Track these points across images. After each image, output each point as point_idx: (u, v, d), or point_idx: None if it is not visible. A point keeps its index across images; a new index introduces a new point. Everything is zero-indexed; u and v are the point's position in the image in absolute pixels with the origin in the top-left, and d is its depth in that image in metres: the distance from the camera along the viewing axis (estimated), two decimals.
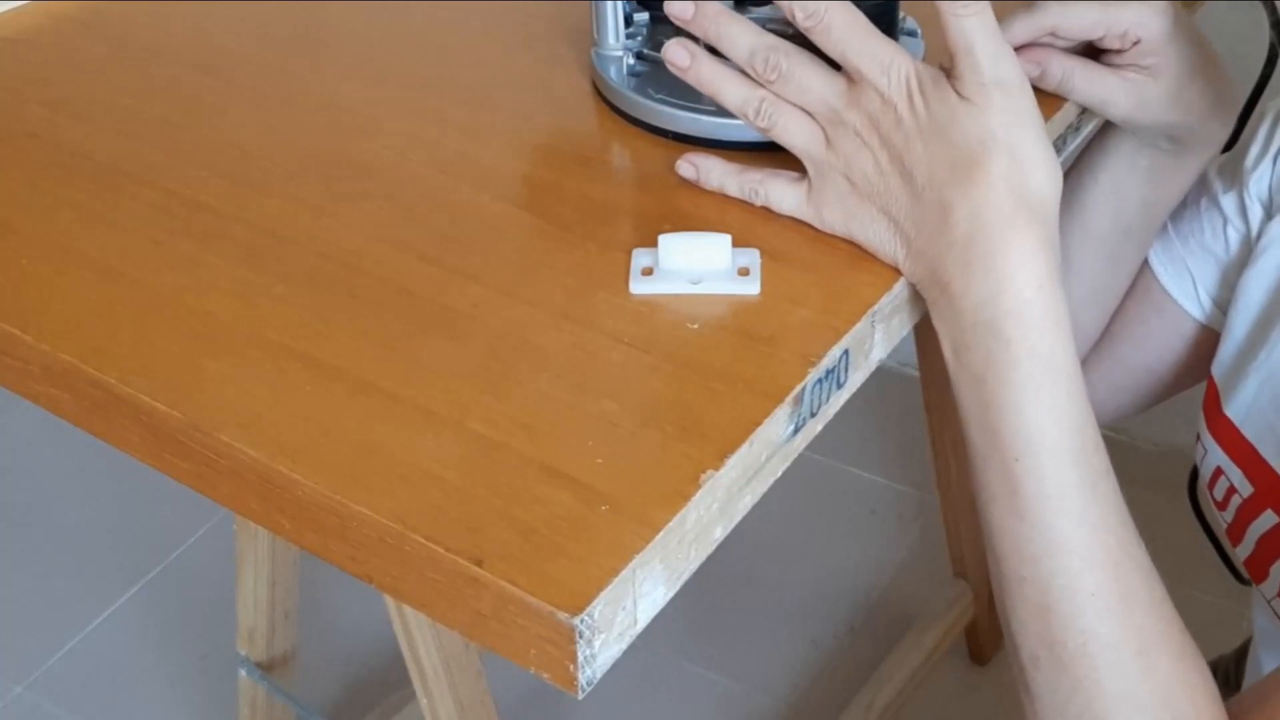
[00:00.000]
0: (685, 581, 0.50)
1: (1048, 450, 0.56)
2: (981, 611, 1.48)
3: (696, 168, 0.64)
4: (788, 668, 1.54)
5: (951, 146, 0.56)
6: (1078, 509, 0.56)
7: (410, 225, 0.64)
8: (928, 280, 0.58)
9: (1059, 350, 0.56)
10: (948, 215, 0.56)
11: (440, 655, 0.83)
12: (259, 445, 0.51)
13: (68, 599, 1.66)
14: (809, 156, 0.60)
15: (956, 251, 0.56)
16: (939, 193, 0.56)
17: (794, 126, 0.60)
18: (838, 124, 0.59)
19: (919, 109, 0.56)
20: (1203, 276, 0.78)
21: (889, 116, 0.57)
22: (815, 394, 0.55)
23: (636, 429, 0.51)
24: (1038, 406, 0.55)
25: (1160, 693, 0.57)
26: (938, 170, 0.56)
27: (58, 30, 0.82)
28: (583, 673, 0.46)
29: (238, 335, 0.57)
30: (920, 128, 0.56)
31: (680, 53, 0.61)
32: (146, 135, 0.72)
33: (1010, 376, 0.55)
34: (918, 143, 0.56)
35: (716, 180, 0.64)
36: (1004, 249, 0.55)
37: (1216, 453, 0.73)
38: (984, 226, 0.55)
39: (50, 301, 0.60)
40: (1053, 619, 0.57)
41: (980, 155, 0.55)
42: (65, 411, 0.59)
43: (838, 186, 0.59)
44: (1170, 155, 0.73)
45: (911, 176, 0.57)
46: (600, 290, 0.59)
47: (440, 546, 0.47)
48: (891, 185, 0.57)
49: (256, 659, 1.15)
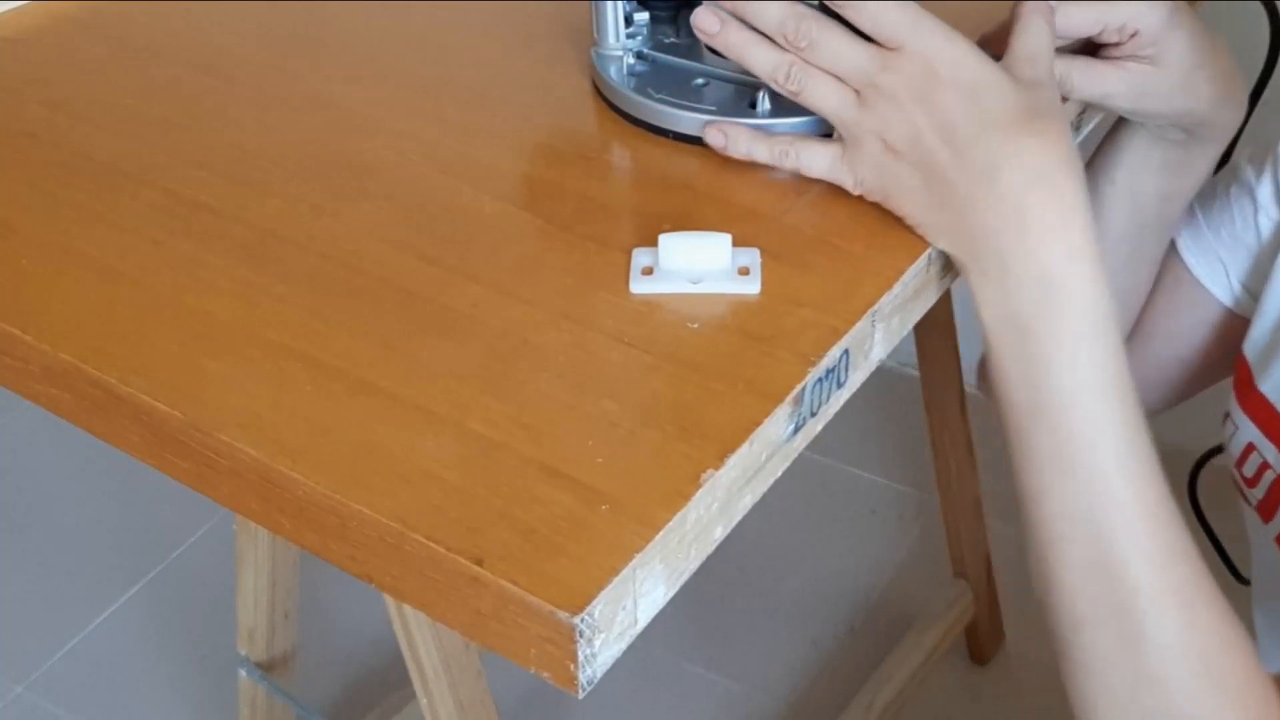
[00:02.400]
0: (685, 581, 0.50)
1: (1097, 400, 0.57)
2: (981, 611, 1.48)
3: (725, 135, 0.65)
4: (788, 668, 1.54)
5: (998, 104, 0.58)
6: (1124, 461, 0.57)
7: (410, 225, 0.64)
8: (967, 236, 0.59)
9: (1104, 301, 0.57)
10: (996, 170, 0.57)
11: (440, 655, 0.83)
12: (259, 445, 0.51)
13: (68, 599, 1.66)
14: (841, 119, 0.61)
15: (1007, 206, 0.57)
16: (985, 148, 0.57)
17: (825, 89, 0.60)
18: (871, 87, 0.59)
19: (960, 71, 0.58)
20: (1234, 265, 0.78)
21: (930, 79, 0.58)
22: (815, 394, 0.55)
23: (636, 429, 0.51)
24: (1089, 356, 0.57)
25: (1201, 644, 0.58)
26: (984, 127, 0.57)
27: (58, 30, 0.82)
28: (583, 672, 0.46)
29: (238, 335, 0.57)
30: (963, 88, 0.58)
31: (710, 19, 0.62)
32: (146, 135, 0.72)
33: (1060, 327, 0.57)
34: (962, 101, 0.58)
35: (745, 146, 0.64)
36: (1055, 203, 0.57)
37: (1249, 429, 0.73)
38: (1033, 179, 0.57)
39: (50, 301, 0.60)
40: (1099, 575, 0.58)
41: (1032, 115, 0.58)
42: (65, 411, 0.59)
43: (872, 148, 0.60)
44: (1182, 147, 0.73)
45: (954, 133, 0.58)
46: (600, 290, 0.59)
47: (440, 546, 0.47)
48: (930, 142, 0.58)
49: (256, 659, 1.15)
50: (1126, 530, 0.57)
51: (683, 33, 0.73)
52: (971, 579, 1.46)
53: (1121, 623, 0.58)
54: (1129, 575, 0.57)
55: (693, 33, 0.73)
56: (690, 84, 0.70)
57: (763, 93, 0.67)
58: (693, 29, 0.62)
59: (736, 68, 0.70)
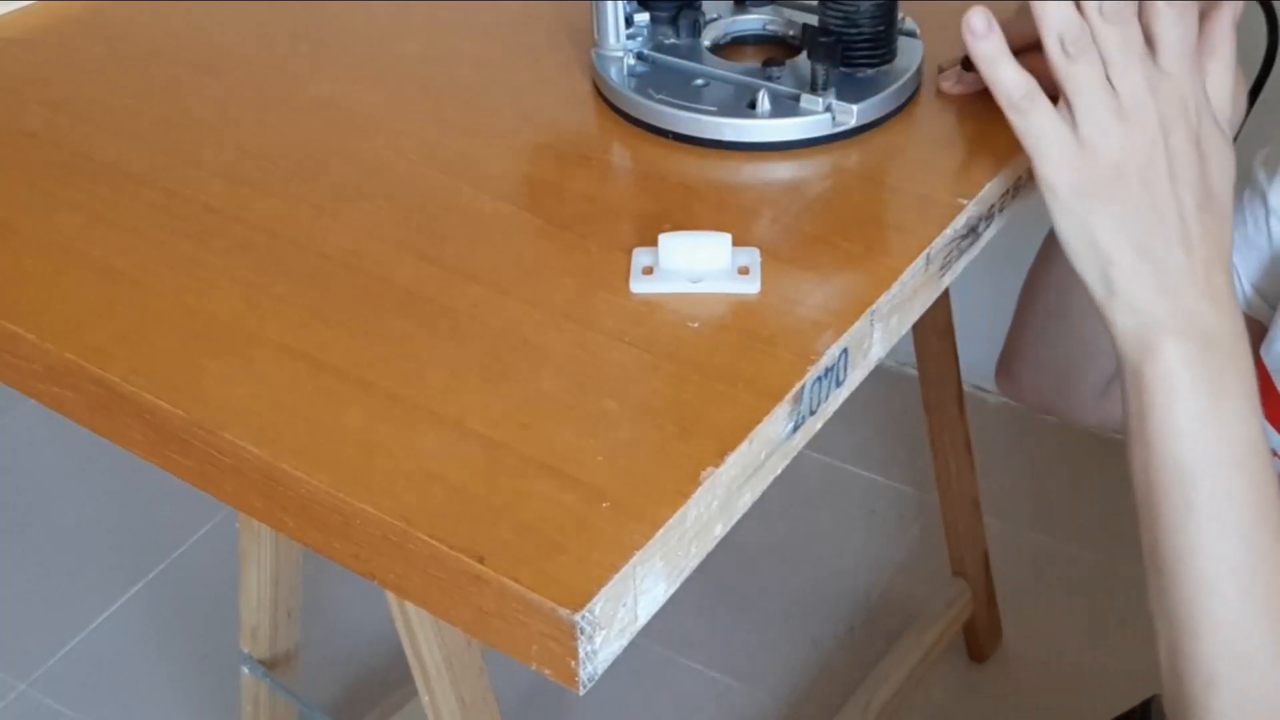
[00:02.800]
0: (685, 579, 0.50)
1: (1261, 459, 0.60)
2: (980, 610, 1.48)
3: (992, 29, 0.58)
4: (788, 667, 1.54)
5: (1217, 175, 0.59)
6: (1275, 518, 0.60)
7: (410, 225, 0.64)
8: (1155, 280, 0.59)
9: (1254, 375, 0.60)
10: (1206, 238, 0.58)
11: (442, 652, 0.83)
12: (263, 444, 0.52)
13: (70, 597, 1.66)
14: (1097, 103, 0.58)
15: (1205, 273, 0.59)
16: (1200, 215, 0.58)
17: (1094, 74, 0.58)
18: (1140, 103, 0.58)
19: (1207, 124, 0.59)
20: (1245, 268, 0.78)
21: (1193, 117, 0.58)
22: (814, 392, 0.55)
23: (637, 427, 0.51)
24: (1252, 417, 0.59)
25: None
26: (1204, 196, 0.58)
27: (58, 30, 0.82)
28: (584, 669, 0.46)
29: (239, 335, 0.57)
30: (1202, 151, 0.59)
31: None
32: (146, 135, 0.72)
33: (1234, 389, 0.59)
34: (1197, 164, 0.58)
35: (996, 51, 0.59)
36: (1231, 278, 0.60)
37: (1273, 437, 0.73)
38: (1224, 256, 0.59)
39: (52, 301, 0.60)
40: (1249, 629, 0.59)
41: (1231, 193, 0.60)
42: (68, 410, 0.59)
43: (1106, 156, 0.58)
44: None
45: (1191, 179, 0.58)
46: (600, 290, 0.59)
47: (443, 544, 0.47)
48: (1162, 189, 0.58)
49: (259, 657, 1.15)
50: (1252, 579, 0.59)
51: (683, 33, 0.73)
52: (970, 578, 1.46)
53: (1266, 676, 0.59)
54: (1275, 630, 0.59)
55: (693, 33, 0.73)
56: (690, 84, 0.70)
57: (762, 93, 0.67)
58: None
59: (736, 68, 0.70)
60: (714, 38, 0.74)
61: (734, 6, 0.76)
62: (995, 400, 1.82)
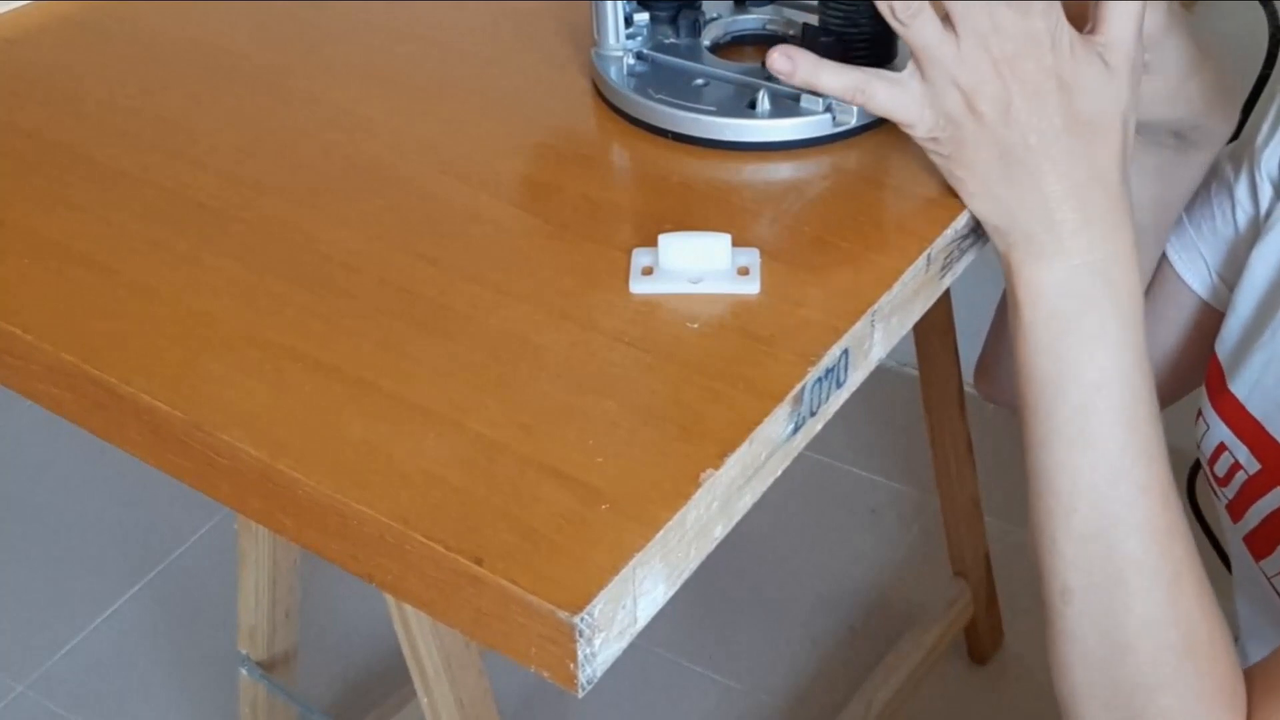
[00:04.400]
0: (685, 580, 0.50)
1: (1128, 383, 0.60)
2: (980, 611, 1.48)
3: (794, 62, 0.61)
4: (788, 668, 1.54)
5: (1091, 104, 0.59)
6: (1141, 441, 0.61)
7: (410, 225, 0.64)
8: (1030, 216, 0.60)
9: (1139, 296, 0.61)
10: (1075, 165, 0.59)
11: (441, 654, 0.83)
12: (260, 445, 0.51)
13: (69, 598, 1.66)
14: (938, 61, 0.59)
15: (1077, 198, 0.59)
16: (1071, 142, 0.59)
17: (932, 28, 0.59)
18: (979, 44, 0.58)
19: (1066, 61, 0.58)
20: (1214, 259, 0.79)
21: (1040, 59, 0.58)
22: (815, 393, 0.55)
23: (636, 428, 0.51)
24: (1125, 343, 0.60)
25: (1183, 621, 0.61)
26: (1074, 123, 0.59)
27: (58, 30, 0.82)
28: (583, 671, 0.46)
29: (238, 335, 0.57)
30: (1063, 79, 0.58)
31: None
32: (145, 135, 0.72)
33: (1107, 314, 0.60)
34: (1059, 91, 0.58)
35: (814, 76, 0.61)
36: (1118, 204, 0.60)
37: (1220, 429, 0.74)
38: (1106, 183, 0.60)
39: (51, 301, 0.60)
40: (1099, 547, 0.61)
41: (1114, 121, 0.59)
42: (67, 411, 0.59)
43: (953, 102, 0.59)
44: (1177, 152, 0.73)
45: (1046, 119, 0.58)
46: (600, 290, 0.59)
47: (441, 545, 0.47)
48: (1021, 120, 0.59)
49: (257, 658, 1.15)
50: (1133, 506, 0.60)
51: (683, 33, 0.73)
52: (971, 578, 1.46)
53: (1111, 593, 0.61)
54: (1127, 548, 0.60)
55: (693, 33, 0.73)
56: (690, 84, 0.70)
57: (762, 93, 0.67)
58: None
59: (736, 68, 0.70)
60: (714, 37, 0.74)
61: (734, 6, 0.76)
62: None
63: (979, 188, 0.61)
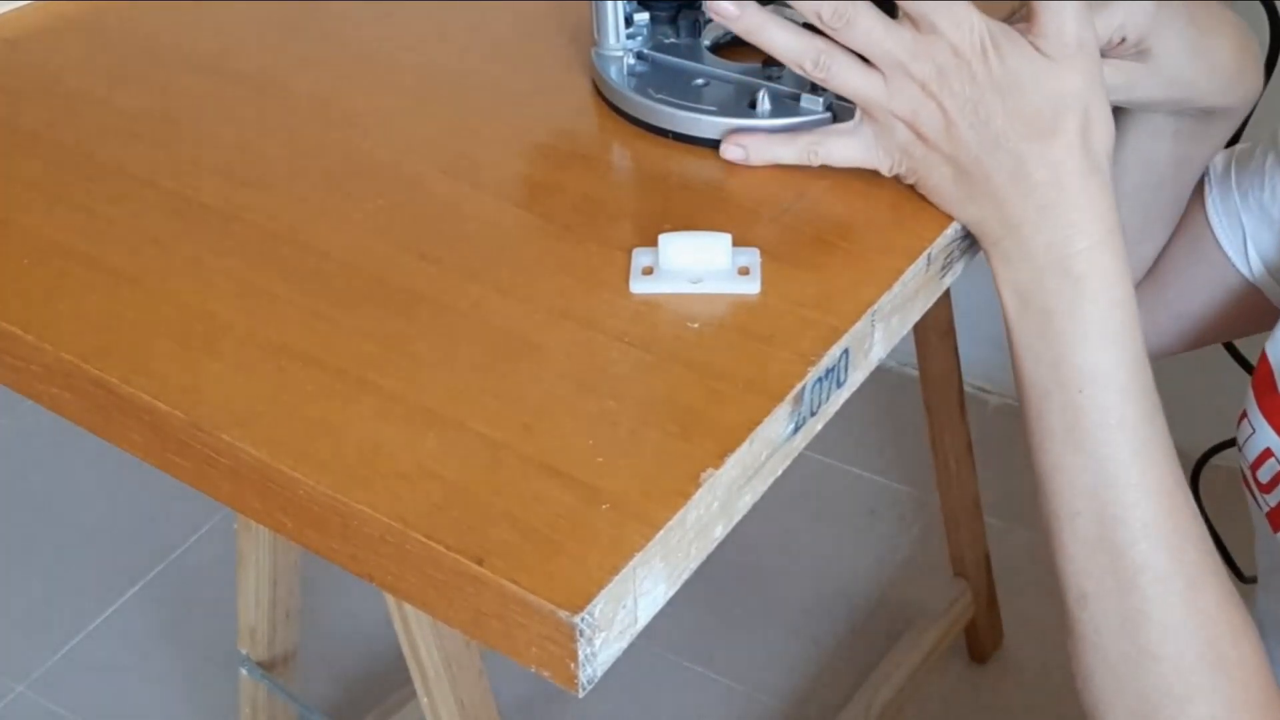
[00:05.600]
0: (686, 580, 0.50)
1: (1111, 382, 0.59)
2: (980, 611, 1.48)
3: (745, 148, 0.65)
4: (788, 668, 1.54)
5: (1030, 102, 0.58)
6: (1135, 441, 0.59)
7: (410, 225, 0.64)
8: (993, 223, 0.60)
9: (1122, 290, 0.60)
10: (1024, 166, 0.59)
11: (441, 654, 0.83)
12: (260, 445, 0.51)
13: (69, 598, 1.66)
14: (871, 103, 0.61)
15: (1034, 199, 0.59)
16: (1016, 145, 0.58)
17: (853, 74, 0.60)
18: (902, 74, 0.59)
19: (994, 64, 0.58)
20: (1256, 235, 0.78)
21: (962, 71, 0.58)
22: (815, 393, 0.55)
23: (637, 428, 0.51)
24: (1104, 340, 0.59)
25: (1205, 628, 0.59)
26: (1015, 124, 0.58)
27: (58, 30, 0.82)
28: (583, 671, 0.46)
29: (238, 335, 0.57)
30: (995, 82, 0.58)
31: (728, 4, 0.61)
32: (146, 135, 0.72)
33: (1079, 311, 0.59)
34: (992, 96, 0.58)
35: (767, 153, 0.65)
36: (1078, 197, 0.59)
37: (1268, 434, 0.72)
38: (1061, 177, 0.59)
39: (51, 301, 0.60)
40: (1105, 552, 0.60)
41: (1061, 113, 0.58)
42: (67, 411, 0.59)
43: (901, 134, 0.61)
44: (1196, 120, 0.73)
45: (985, 128, 0.59)
46: (600, 289, 0.59)
47: (441, 545, 0.47)
48: (961, 135, 0.59)
49: (258, 658, 1.15)
50: (1134, 508, 0.59)
51: (683, 33, 0.73)
52: (971, 578, 1.46)
53: (1124, 599, 0.59)
54: (1135, 552, 0.59)
55: (693, 33, 0.73)
56: (690, 84, 0.70)
57: (762, 92, 0.67)
58: (710, 14, 0.61)
59: (736, 68, 0.70)
60: (714, 37, 0.74)
61: None
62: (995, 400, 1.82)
63: (947, 204, 0.62)
